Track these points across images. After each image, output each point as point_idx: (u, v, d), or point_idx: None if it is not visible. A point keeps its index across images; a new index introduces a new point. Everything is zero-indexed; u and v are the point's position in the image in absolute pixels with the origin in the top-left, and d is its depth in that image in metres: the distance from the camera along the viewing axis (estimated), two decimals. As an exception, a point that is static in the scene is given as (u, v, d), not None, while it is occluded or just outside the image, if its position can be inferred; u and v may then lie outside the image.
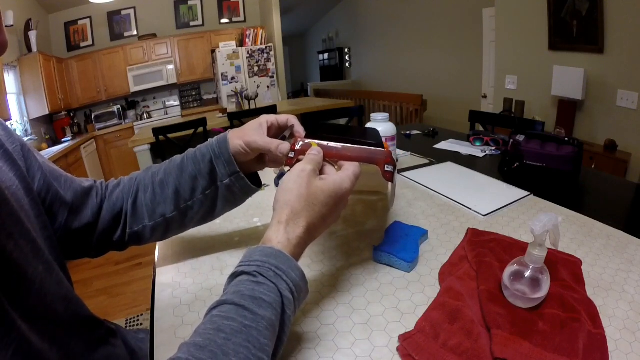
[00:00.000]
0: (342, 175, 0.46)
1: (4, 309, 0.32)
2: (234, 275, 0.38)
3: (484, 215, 0.72)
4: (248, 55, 4.87)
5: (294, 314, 0.39)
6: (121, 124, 4.84)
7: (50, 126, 4.27)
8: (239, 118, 2.77)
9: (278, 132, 0.56)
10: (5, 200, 0.38)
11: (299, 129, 0.55)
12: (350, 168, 0.47)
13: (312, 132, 0.53)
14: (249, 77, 4.94)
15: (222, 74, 4.82)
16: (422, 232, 0.64)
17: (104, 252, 0.56)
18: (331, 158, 0.50)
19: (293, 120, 0.55)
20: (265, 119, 0.54)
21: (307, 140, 0.50)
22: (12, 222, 0.38)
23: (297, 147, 0.50)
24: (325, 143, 0.50)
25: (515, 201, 0.77)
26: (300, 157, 0.49)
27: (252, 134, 0.52)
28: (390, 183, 0.57)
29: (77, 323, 0.44)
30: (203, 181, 0.53)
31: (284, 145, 0.51)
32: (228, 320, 0.33)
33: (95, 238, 0.53)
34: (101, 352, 0.48)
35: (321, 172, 0.48)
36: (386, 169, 0.50)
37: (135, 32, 5.03)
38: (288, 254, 0.39)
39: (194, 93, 5.56)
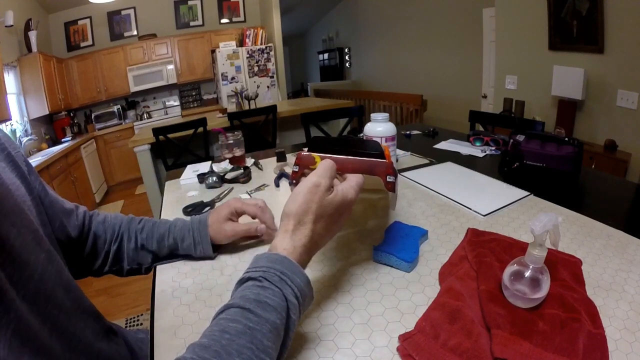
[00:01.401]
0: (346, 186, 0.47)
1: (4, 287, 0.33)
2: (241, 282, 0.39)
3: (484, 215, 0.72)
4: (248, 55, 4.87)
5: (299, 318, 0.39)
6: (121, 124, 4.83)
7: (50, 126, 4.27)
8: (239, 118, 2.77)
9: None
10: (10, 193, 0.41)
11: (267, 220, 0.64)
12: (353, 179, 0.48)
13: (314, 145, 0.54)
14: (249, 77, 4.93)
15: (222, 74, 4.82)
16: (422, 232, 0.64)
17: (83, 276, 0.61)
18: None
19: (260, 214, 0.64)
20: (234, 208, 0.64)
21: (311, 154, 0.51)
22: (15, 213, 0.40)
23: (301, 160, 0.52)
24: (327, 156, 0.51)
25: (515, 201, 0.77)
26: (306, 170, 0.51)
27: (227, 229, 0.62)
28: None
29: (79, 311, 0.46)
30: (179, 252, 0.63)
31: (261, 227, 0.63)
32: (233, 322, 0.34)
33: (80, 258, 0.57)
34: (104, 344, 0.49)
35: None
36: (388, 179, 0.51)
37: (135, 32, 5.02)
38: (293, 260, 0.40)
39: (194, 93, 5.55)
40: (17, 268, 0.37)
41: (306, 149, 0.54)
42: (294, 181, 0.51)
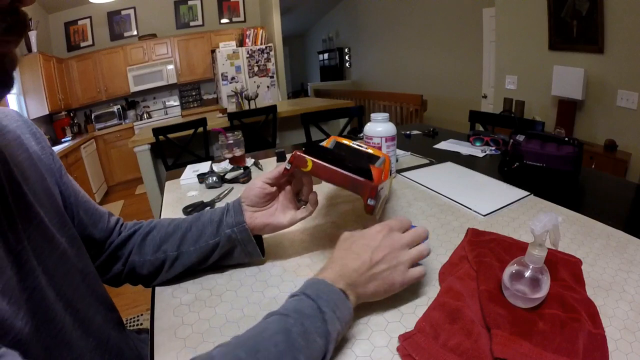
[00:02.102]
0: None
1: (27, 256, 0.36)
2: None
3: (484, 215, 0.72)
4: (248, 55, 4.87)
5: (339, 332, 0.41)
6: (121, 124, 4.83)
7: (50, 126, 4.27)
8: (239, 118, 2.77)
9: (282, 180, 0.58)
10: (44, 178, 0.46)
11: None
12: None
13: (310, 150, 0.54)
14: (249, 77, 4.93)
15: (222, 74, 4.81)
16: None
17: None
18: (320, 177, 0.52)
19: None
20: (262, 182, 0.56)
21: (305, 156, 0.52)
22: (47, 196, 0.45)
23: (294, 159, 0.52)
24: (318, 161, 0.52)
25: (515, 201, 0.77)
26: (299, 167, 0.52)
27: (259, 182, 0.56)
28: (384, 189, 0.58)
29: (93, 297, 0.47)
30: (211, 229, 0.56)
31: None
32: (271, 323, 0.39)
33: (100, 261, 0.56)
34: (114, 332, 0.49)
35: None
36: (368, 202, 0.50)
37: (135, 32, 5.02)
38: (322, 279, 0.43)
39: (194, 93, 5.55)
40: (42, 243, 0.40)
41: (303, 149, 0.55)
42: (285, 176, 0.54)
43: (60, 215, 0.46)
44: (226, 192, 0.99)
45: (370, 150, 0.75)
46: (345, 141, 0.69)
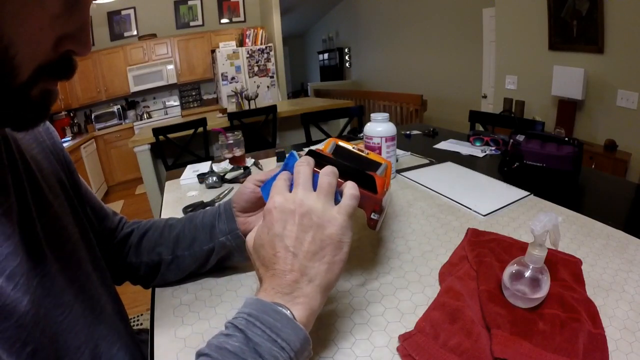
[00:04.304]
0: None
1: (39, 243, 0.37)
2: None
3: (484, 215, 0.72)
4: (248, 55, 4.87)
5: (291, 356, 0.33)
6: (121, 124, 4.83)
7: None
8: (239, 118, 2.77)
9: None
10: (56, 170, 0.48)
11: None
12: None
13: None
14: (249, 77, 4.93)
15: (222, 74, 4.81)
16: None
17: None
18: None
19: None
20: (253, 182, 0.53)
21: None
22: (60, 188, 0.46)
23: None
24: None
25: (515, 201, 0.77)
26: None
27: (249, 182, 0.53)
28: (386, 196, 0.52)
29: (104, 287, 0.47)
30: (204, 235, 0.55)
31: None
32: None
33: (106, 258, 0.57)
34: (123, 325, 0.49)
35: None
36: (372, 216, 0.46)
37: (135, 32, 5.02)
38: (264, 299, 0.35)
39: (194, 93, 5.55)
40: (55, 232, 0.41)
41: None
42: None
43: (72, 208, 0.47)
44: (226, 192, 0.99)
45: (371, 157, 0.67)
46: (346, 144, 0.66)
